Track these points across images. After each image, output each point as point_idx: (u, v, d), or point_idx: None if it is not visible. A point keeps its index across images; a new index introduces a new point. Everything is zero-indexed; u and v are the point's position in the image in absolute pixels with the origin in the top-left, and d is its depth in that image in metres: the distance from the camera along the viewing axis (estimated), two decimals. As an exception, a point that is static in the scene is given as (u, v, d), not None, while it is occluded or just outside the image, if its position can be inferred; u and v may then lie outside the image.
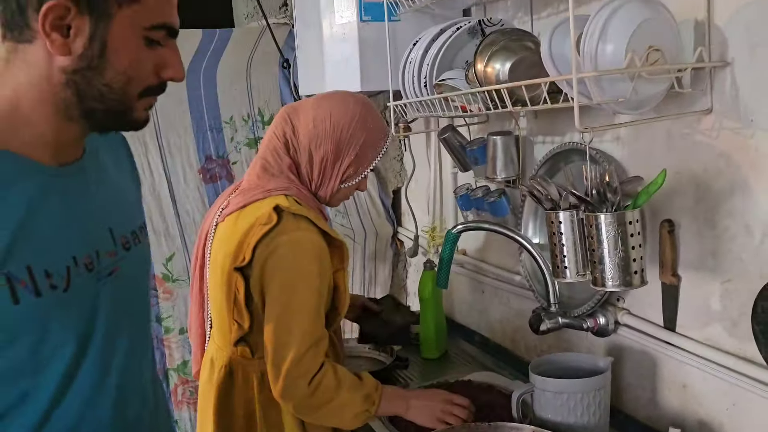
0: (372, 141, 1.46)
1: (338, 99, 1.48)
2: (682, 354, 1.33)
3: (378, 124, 1.49)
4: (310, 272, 1.33)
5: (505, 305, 1.96)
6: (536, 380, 1.27)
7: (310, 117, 1.44)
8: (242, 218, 1.40)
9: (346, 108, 1.44)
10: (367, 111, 1.47)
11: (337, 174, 1.45)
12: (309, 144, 1.43)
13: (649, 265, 1.38)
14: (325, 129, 1.42)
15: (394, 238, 2.52)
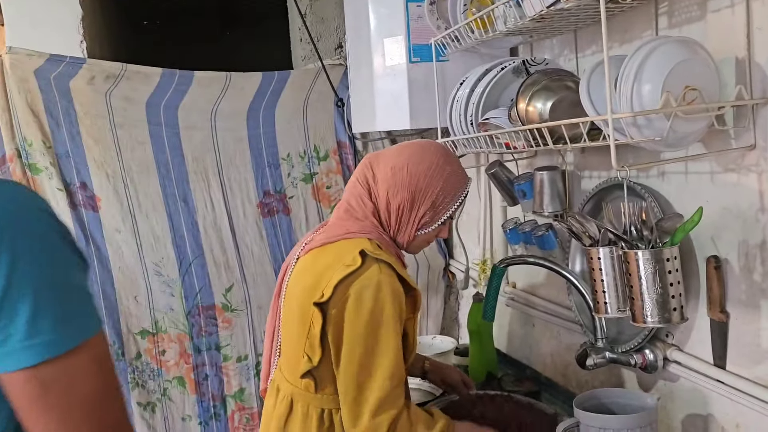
0: (449, 189, 1.45)
1: (417, 147, 1.50)
2: (733, 393, 1.30)
3: (456, 171, 1.47)
4: (392, 316, 1.34)
5: (556, 339, 1.96)
6: (580, 415, 1.27)
7: (390, 165, 1.47)
8: (323, 255, 1.44)
9: (423, 156, 1.45)
10: (445, 159, 1.46)
11: (414, 221, 1.46)
12: (387, 192, 1.46)
13: (698, 302, 1.37)
14: (402, 177, 1.44)
15: (446, 270, 2.55)
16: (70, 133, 2.07)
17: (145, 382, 2.23)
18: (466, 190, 1.49)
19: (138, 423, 2.21)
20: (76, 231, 2.08)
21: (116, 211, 2.16)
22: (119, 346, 2.17)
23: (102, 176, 2.13)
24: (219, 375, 2.32)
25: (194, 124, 2.23)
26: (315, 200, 2.42)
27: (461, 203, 1.49)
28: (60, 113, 2.05)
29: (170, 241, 2.24)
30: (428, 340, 2.26)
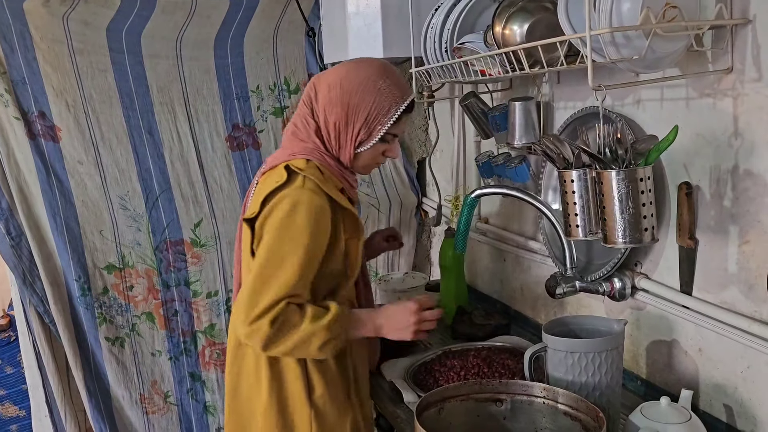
0: (383, 104, 1.43)
1: (353, 63, 1.50)
2: (698, 317, 1.33)
3: (391, 86, 1.44)
4: (302, 229, 1.36)
5: (526, 273, 1.97)
6: (549, 340, 1.28)
7: (327, 82, 1.47)
8: (269, 178, 1.45)
9: (357, 72, 1.45)
10: (379, 74, 1.44)
11: (351, 139, 1.46)
12: (324, 110, 1.46)
13: (668, 230, 1.38)
14: (336, 94, 1.43)
15: (419, 208, 2.54)
16: (25, 59, 1.97)
17: (113, 317, 2.20)
18: (403, 105, 1.45)
19: (107, 358, 2.19)
20: (36, 162, 2.01)
21: (78, 142, 2.08)
22: (85, 281, 2.12)
23: (62, 105, 2.03)
24: (189, 311, 2.30)
25: (158, 53, 2.14)
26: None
27: (399, 119, 1.45)
28: (14, 36, 1.94)
29: (136, 175, 2.17)
30: (399, 276, 2.26)
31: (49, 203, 2.05)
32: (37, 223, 2.06)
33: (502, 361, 1.63)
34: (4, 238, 2.02)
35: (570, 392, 1.22)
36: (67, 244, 2.07)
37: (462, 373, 1.59)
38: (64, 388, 2.16)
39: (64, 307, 2.11)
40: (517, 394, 1.29)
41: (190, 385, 2.35)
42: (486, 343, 1.81)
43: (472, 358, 1.66)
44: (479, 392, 1.29)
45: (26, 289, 2.06)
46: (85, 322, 2.13)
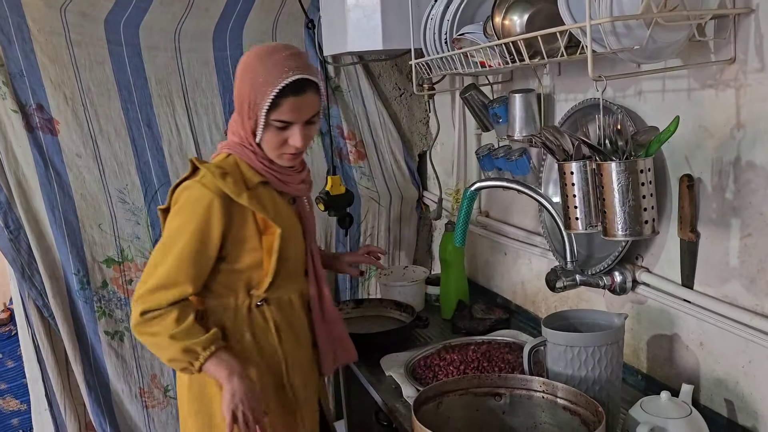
0: (258, 89, 1.37)
1: (249, 51, 1.47)
2: (699, 311, 1.31)
3: (270, 70, 1.37)
4: (189, 220, 1.38)
5: (527, 267, 1.96)
6: (548, 334, 1.27)
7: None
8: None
9: (244, 59, 1.44)
10: (257, 58, 1.40)
11: (247, 128, 1.43)
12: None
13: (669, 223, 1.36)
14: (234, 83, 1.46)
15: (419, 201, 2.53)
16: (23, 51, 1.95)
17: (112, 311, 2.19)
18: (275, 89, 1.36)
19: (106, 352, 2.18)
20: (34, 155, 1.99)
21: (76, 135, 2.07)
22: (84, 275, 2.11)
23: (59, 98, 2.02)
24: (188, 305, 2.29)
25: (157, 45, 2.12)
26: (285, 128, 2.35)
27: (277, 104, 1.37)
28: (11, 29, 1.92)
29: (134, 168, 2.16)
30: (400, 270, 2.25)
31: (47, 196, 2.04)
32: (35, 217, 2.05)
33: (501, 355, 1.62)
34: (3, 231, 2.01)
35: (569, 387, 1.21)
36: (66, 237, 2.06)
37: (461, 367, 1.58)
38: (63, 382, 2.15)
39: (63, 300, 2.10)
40: (516, 388, 1.28)
41: (189, 379, 2.34)
42: (486, 338, 1.80)
43: (472, 353, 1.65)
44: (478, 386, 1.28)
45: (25, 282, 2.05)
46: (84, 315, 2.13)
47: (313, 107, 1.42)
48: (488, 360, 1.60)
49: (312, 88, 1.41)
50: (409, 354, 1.74)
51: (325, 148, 2.39)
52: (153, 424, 2.30)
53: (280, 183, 1.48)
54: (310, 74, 1.41)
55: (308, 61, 1.46)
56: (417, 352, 1.73)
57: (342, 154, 2.42)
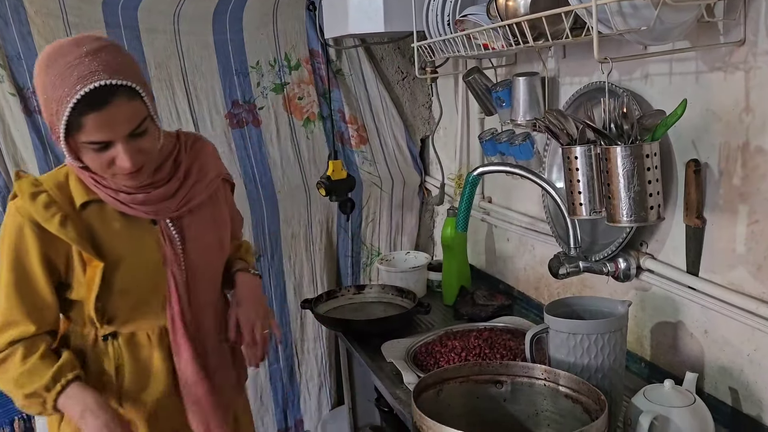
0: (51, 106, 1.12)
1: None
2: (704, 299, 1.29)
3: (55, 82, 1.10)
4: (7, 251, 1.21)
5: (530, 253, 1.94)
6: (550, 321, 1.25)
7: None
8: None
9: (35, 67, 1.16)
10: (41, 66, 1.14)
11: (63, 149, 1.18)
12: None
13: (675, 209, 1.34)
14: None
15: (422, 187, 2.50)
16: (20, 33, 1.92)
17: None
18: (67, 106, 1.08)
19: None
20: (33, 138, 1.97)
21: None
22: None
23: (58, 81, 2.00)
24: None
25: (155, 27, 2.09)
26: (286, 112, 2.32)
27: (79, 124, 1.10)
28: (8, 11, 1.90)
29: (134, 152, 2.14)
30: (402, 256, 2.23)
31: (46, 181, 2.03)
32: (35, 201, 2.03)
33: (504, 342, 1.60)
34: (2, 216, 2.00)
35: (571, 375, 1.19)
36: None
37: (463, 354, 1.57)
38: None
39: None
40: (517, 376, 1.26)
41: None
42: (488, 324, 1.78)
43: (474, 339, 1.63)
44: (479, 374, 1.27)
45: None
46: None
47: (130, 118, 1.13)
48: (490, 347, 1.59)
49: (122, 94, 1.11)
50: (410, 340, 1.73)
51: (326, 132, 2.36)
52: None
53: (116, 203, 1.23)
54: (116, 76, 1.10)
55: (119, 56, 1.15)
56: (418, 339, 1.71)
57: (343, 138, 2.40)
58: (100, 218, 1.24)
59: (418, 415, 1.06)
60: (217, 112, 2.23)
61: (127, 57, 1.18)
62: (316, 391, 2.49)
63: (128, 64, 1.16)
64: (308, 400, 2.49)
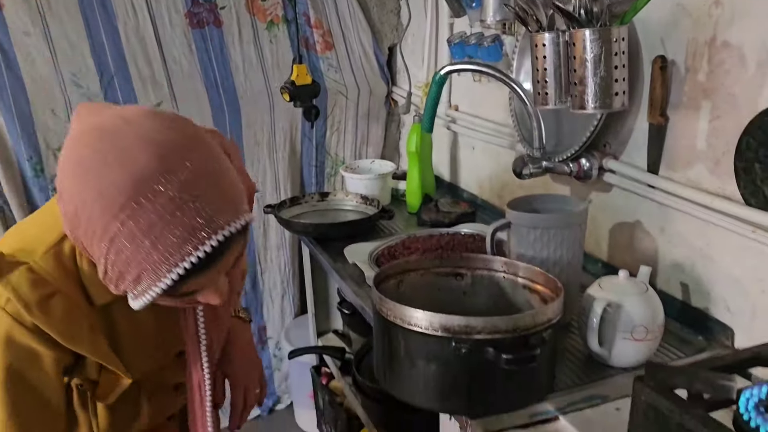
0: (134, 258, 0.76)
1: (112, 153, 0.77)
2: (663, 196, 1.31)
3: (147, 221, 0.74)
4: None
5: (495, 161, 1.94)
6: (512, 215, 1.26)
7: (72, 169, 0.80)
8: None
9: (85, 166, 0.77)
10: (121, 193, 0.74)
11: (105, 279, 0.82)
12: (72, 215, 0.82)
13: (639, 108, 1.34)
14: (76, 207, 0.80)
15: (388, 97, 2.46)
16: None
17: (70, 200, 2.13)
18: (167, 276, 0.76)
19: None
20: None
21: (23, 11, 1.93)
22: (37, 162, 2.04)
23: (2, -32, 1.87)
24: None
25: None
26: (249, 14, 2.23)
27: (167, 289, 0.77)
28: None
29: (88, 50, 2.04)
30: (367, 164, 2.21)
31: (-6, 77, 1.93)
32: (-18, 98, 1.94)
33: (465, 245, 1.62)
34: (-52, 112, 1.91)
35: (530, 265, 1.21)
36: (16, 121, 1.96)
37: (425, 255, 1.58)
38: (21, 271, 2.12)
39: (17, 187, 2.03)
40: (477, 268, 1.28)
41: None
42: (450, 230, 1.80)
43: (436, 242, 1.65)
44: (440, 266, 1.28)
45: (-25, 168, 1.97)
46: (39, 204, 2.07)
47: (237, 256, 0.85)
48: (452, 249, 1.60)
49: (236, 235, 0.80)
50: (373, 244, 1.73)
51: (290, 36, 2.28)
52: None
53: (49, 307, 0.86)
54: (233, 219, 0.78)
55: (226, 176, 0.80)
56: (381, 243, 1.72)
57: (308, 43, 2.33)
58: (122, 312, 0.93)
59: (379, 298, 1.07)
60: (177, 11, 2.13)
61: (231, 169, 0.82)
62: (279, 300, 2.51)
63: (235, 183, 0.82)
64: (271, 308, 2.51)
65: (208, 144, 0.81)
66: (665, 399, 0.82)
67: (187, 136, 0.78)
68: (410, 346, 1.02)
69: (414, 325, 1.00)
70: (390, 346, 1.06)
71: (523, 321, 0.99)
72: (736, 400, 0.83)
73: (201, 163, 0.77)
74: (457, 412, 1.05)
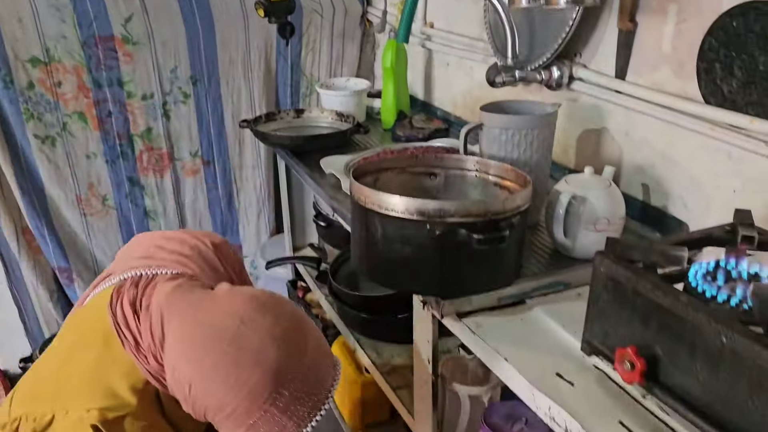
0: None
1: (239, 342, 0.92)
2: (629, 101, 1.37)
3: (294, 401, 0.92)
4: None
5: (468, 76, 1.97)
6: (484, 117, 1.31)
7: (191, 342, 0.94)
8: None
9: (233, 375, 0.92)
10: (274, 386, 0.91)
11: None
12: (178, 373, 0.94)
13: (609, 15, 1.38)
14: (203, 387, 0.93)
15: (363, 17, 2.45)
16: None
17: (42, 114, 2.10)
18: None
19: (38, 156, 2.13)
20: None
21: None
22: (6, 73, 2.00)
23: None
24: (123, 113, 2.23)
25: None
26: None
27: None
28: None
29: (55, -43, 1.98)
30: (342, 82, 2.22)
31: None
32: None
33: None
34: None
35: (501, 163, 1.26)
36: (-18, 29, 1.92)
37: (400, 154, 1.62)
38: (-6, 184, 2.11)
39: (-14, 100, 2.01)
40: (450, 168, 1.33)
41: (128, 190, 2.33)
42: (425, 144, 1.84)
43: (410, 154, 1.69)
44: (415, 165, 1.33)
45: (-58, 78, 1.93)
46: (10, 116, 2.04)
47: None
48: (426, 158, 1.65)
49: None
50: (349, 156, 1.77)
51: (264, -51, 2.24)
52: (93, 232, 2.31)
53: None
54: (334, 373, 0.99)
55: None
56: (357, 155, 1.76)
57: (283, -43, 2.29)
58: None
59: (357, 187, 1.11)
60: None
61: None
62: (255, 219, 2.55)
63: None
64: (247, 227, 2.55)
65: (301, 315, 1.00)
66: (623, 268, 0.89)
67: (293, 318, 0.96)
68: (387, 231, 1.07)
69: (391, 210, 1.05)
70: (367, 233, 1.11)
71: (493, 206, 1.04)
72: (687, 272, 0.90)
73: (309, 339, 0.95)
74: (430, 293, 1.12)
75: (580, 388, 0.92)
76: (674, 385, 0.83)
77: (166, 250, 1.09)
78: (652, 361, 0.85)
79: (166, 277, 1.02)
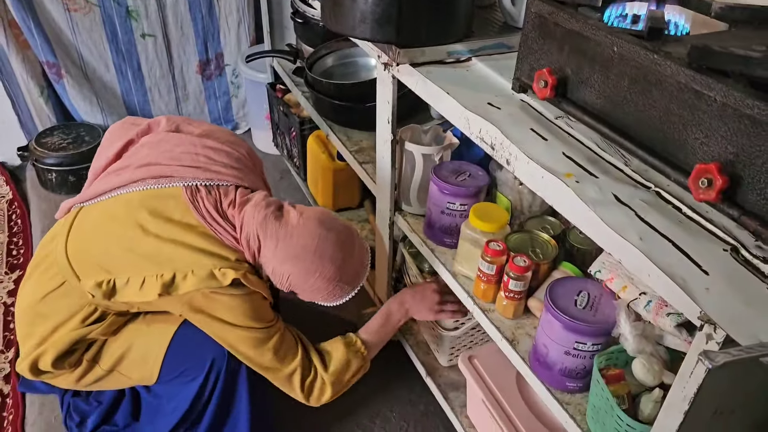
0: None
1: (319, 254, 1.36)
2: None
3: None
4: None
5: None
6: None
7: (293, 258, 1.35)
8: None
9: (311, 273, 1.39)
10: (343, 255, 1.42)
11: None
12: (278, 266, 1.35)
13: None
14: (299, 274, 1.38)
15: None
16: None
17: None
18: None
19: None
20: None
21: None
22: None
23: None
24: None
25: None
26: None
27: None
28: None
29: None
30: None
31: None
32: None
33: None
34: None
35: None
36: None
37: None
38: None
39: None
40: None
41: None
42: None
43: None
44: None
45: None
46: None
47: None
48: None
49: None
50: None
51: None
52: (77, 28, 2.39)
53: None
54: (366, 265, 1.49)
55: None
56: None
57: None
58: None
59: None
60: None
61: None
62: (236, 27, 2.63)
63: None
64: (228, 35, 2.64)
65: (350, 226, 1.45)
66: (548, 4, 1.04)
67: (345, 230, 1.41)
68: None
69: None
70: (334, -11, 1.24)
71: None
72: (603, 12, 1.06)
73: (356, 242, 1.43)
74: (389, 41, 1.27)
75: (506, 111, 1.11)
76: (577, 99, 1.02)
77: (219, 163, 1.37)
78: (562, 80, 1.03)
79: (230, 189, 1.34)
